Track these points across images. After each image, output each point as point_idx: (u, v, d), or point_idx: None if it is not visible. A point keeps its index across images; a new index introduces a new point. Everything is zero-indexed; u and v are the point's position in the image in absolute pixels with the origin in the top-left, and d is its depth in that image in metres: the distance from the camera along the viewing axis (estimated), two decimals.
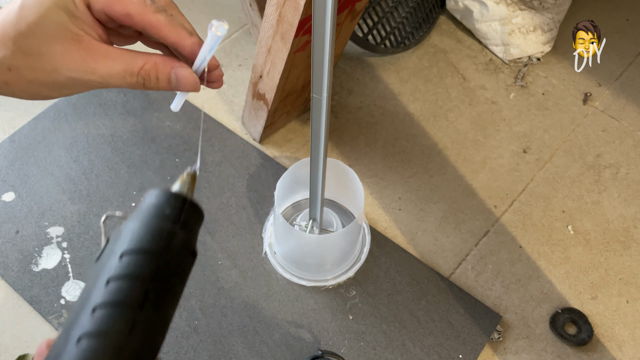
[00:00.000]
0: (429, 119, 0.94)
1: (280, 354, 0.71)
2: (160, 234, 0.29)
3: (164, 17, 0.32)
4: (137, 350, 0.26)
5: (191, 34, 0.33)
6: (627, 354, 0.73)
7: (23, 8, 0.31)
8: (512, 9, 0.97)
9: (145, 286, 0.27)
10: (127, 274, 0.27)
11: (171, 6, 0.35)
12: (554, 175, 0.88)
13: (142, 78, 0.33)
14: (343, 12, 0.70)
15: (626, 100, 0.97)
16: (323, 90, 0.52)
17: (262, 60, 0.73)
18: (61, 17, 0.31)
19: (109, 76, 0.32)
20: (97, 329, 0.26)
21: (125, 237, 0.29)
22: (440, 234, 0.82)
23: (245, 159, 0.87)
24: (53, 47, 0.31)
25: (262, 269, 0.77)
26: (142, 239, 0.28)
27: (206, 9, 1.06)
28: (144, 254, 0.28)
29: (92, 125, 0.89)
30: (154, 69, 0.33)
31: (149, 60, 0.33)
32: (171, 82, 0.34)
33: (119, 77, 0.33)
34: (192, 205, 0.31)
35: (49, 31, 0.31)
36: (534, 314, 0.75)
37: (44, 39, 0.31)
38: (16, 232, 0.78)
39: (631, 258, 0.80)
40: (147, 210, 0.30)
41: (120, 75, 0.33)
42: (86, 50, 0.32)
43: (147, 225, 0.29)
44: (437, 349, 0.72)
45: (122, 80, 0.33)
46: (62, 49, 0.31)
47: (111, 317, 0.26)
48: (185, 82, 0.34)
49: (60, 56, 0.31)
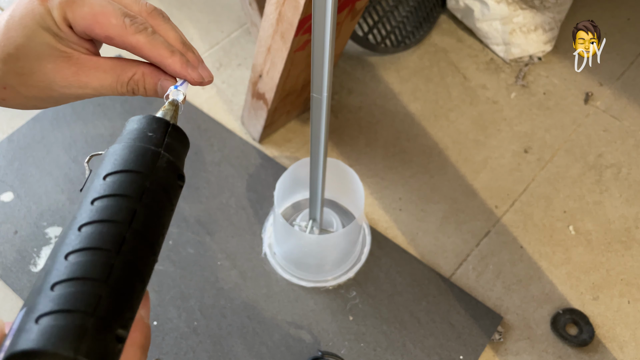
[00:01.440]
0: (430, 119, 0.93)
1: (280, 355, 0.70)
2: (144, 155, 0.28)
3: (143, 37, 0.32)
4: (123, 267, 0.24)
5: (172, 53, 0.33)
6: (629, 355, 0.73)
7: (9, 30, 0.31)
8: (513, 8, 0.97)
9: (133, 205, 0.26)
10: (112, 193, 0.26)
11: (154, 16, 0.35)
12: (555, 175, 0.88)
13: (131, 87, 0.34)
14: (343, 11, 0.69)
15: (628, 99, 0.96)
16: (323, 90, 0.51)
17: (261, 59, 0.73)
18: (47, 38, 0.31)
19: (101, 88, 0.33)
20: (84, 246, 0.24)
21: (109, 160, 0.28)
22: (441, 234, 0.81)
23: (244, 159, 0.86)
24: (44, 66, 0.32)
25: (261, 270, 0.77)
26: (126, 160, 0.27)
27: (206, 8, 1.06)
28: (129, 173, 0.27)
29: (90, 125, 0.89)
30: (142, 79, 0.34)
31: (137, 71, 0.34)
32: (158, 91, 0.34)
33: (110, 88, 0.33)
34: (176, 129, 0.31)
35: (38, 52, 0.31)
36: (535, 315, 0.75)
37: (34, 59, 0.31)
38: (15, 232, 0.78)
39: (633, 258, 0.80)
40: (130, 134, 0.29)
41: (112, 86, 0.33)
42: (77, 65, 0.32)
43: (131, 147, 0.28)
44: (438, 350, 0.71)
45: (114, 91, 0.34)
46: (53, 66, 0.32)
47: (99, 234, 0.25)
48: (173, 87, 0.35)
49: (52, 74, 0.32)
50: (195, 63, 0.35)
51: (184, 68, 0.34)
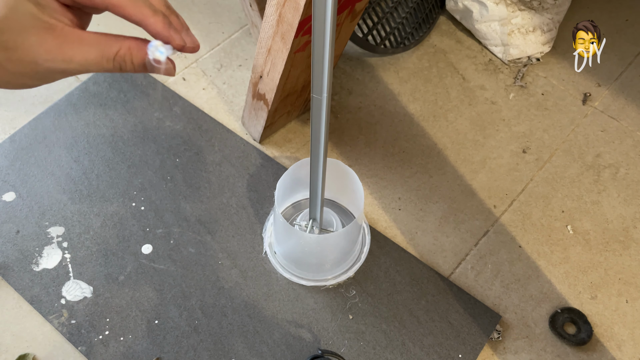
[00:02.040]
0: (429, 119, 0.94)
1: (280, 354, 0.71)
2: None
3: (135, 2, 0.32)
4: None
5: (155, 13, 0.33)
6: (627, 354, 0.73)
7: None
8: (511, 9, 0.97)
9: None
10: None
11: None
12: (554, 175, 0.88)
13: (118, 63, 0.33)
14: (343, 13, 0.70)
15: (625, 100, 0.97)
16: (323, 91, 0.52)
17: (262, 60, 0.73)
18: (30, 8, 0.31)
19: (87, 63, 0.32)
20: None
21: None
22: (440, 233, 0.82)
23: (245, 159, 0.87)
24: (28, 39, 0.31)
25: (262, 269, 0.77)
26: None
27: (206, 9, 1.06)
28: None
29: (92, 125, 0.89)
30: (129, 53, 0.33)
31: (122, 46, 0.33)
32: (146, 66, 0.34)
33: (95, 62, 0.32)
34: None
35: (21, 23, 0.30)
36: (533, 314, 0.76)
37: (17, 32, 0.31)
38: (17, 232, 0.79)
39: (631, 258, 0.80)
40: None
41: (97, 61, 0.32)
42: (61, 38, 0.31)
43: None
44: (437, 349, 0.72)
45: (100, 66, 0.33)
46: (37, 39, 0.31)
47: None
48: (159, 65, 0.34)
49: (36, 47, 0.31)
50: (178, 27, 0.34)
51: (165, 29, 0.33)
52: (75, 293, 0.74)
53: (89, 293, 0.74)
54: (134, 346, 0.71)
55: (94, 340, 0.71)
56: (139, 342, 0.71)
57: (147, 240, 0.79)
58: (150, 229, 0.79)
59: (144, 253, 0.78)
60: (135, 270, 0.76)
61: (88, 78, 0.95)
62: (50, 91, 0.94)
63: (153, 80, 0.95)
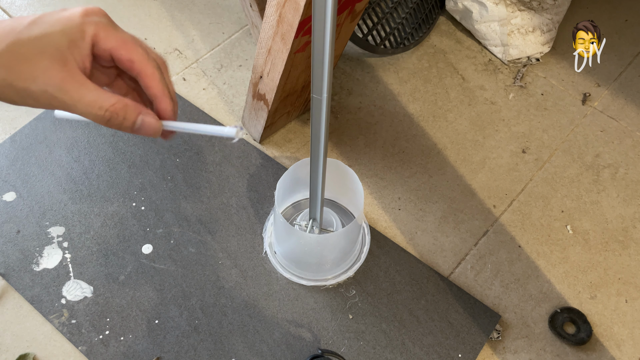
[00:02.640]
0: (429, 119, 0.94)
1: (280, 353, 0.71)
2: None
3: (158, 72, 0.37)
4: None
5: (172, 100, 0.38)
6: (626, 353, 0.73)
7: (34, 23, 0.33)
8: (511, 9, 0.97)
9: None
10: None
11: (165, 67, 0.39)
12: (553, 175, 0.88)
13: (109, 114, 0.35)
14: (343, 13, 0.70)
15: (625, 100, 0.97)
16: (323, 91, 0.52)
17: (262, 60, 0.73)
18: (61, 42, 0.34)
19: (79, 102, 0.34)
20: None
21: None
22: (440, 233, 0.82)
23: (245, 159, 0.87)
24: (40, 60, 0.33)
25: (262, 269, 0.77)
26: None
27: (206, 10, 1.06)
28: None
29: (93, 125, 0.89)
30: (124, 109, 0.36)
31: (120, 101, 0.35)
32: (135, 124, 0.36)
33: (87, 105, 0.34)
34: None
35: (44, 48, 0.33)
36: (533, 314, 0.76)
37: (35, 51, 0.33)
38: (17, 231, 0.79)
39: (630, 258, 0.80)
40: None
41: (90, 104, 0.34)
42: (67, 72, 0.34)
43: None
44: (437, 348, 0.72)
45: (89, 109, 0.35)
46: (48, 64, 0.33)
47: None
48: (148, 127, 0.37)
49: (42, 69, 0.33)
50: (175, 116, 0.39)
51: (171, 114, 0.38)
52: (75, 293, 0.74)
53: (90, 293, 0.74)
54: (134, 346, 0.71)
55: (94, 340, 0.71)
56: (139, 341, 0.71)
57: (147, 240, 0.79)
58: (150, 228, 0.80)
59: (144, 253, 0.78)
60: (136, 270, 0.76)
61: None
62: None
63: None
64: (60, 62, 0.34)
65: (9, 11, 1.05)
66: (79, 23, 0.34)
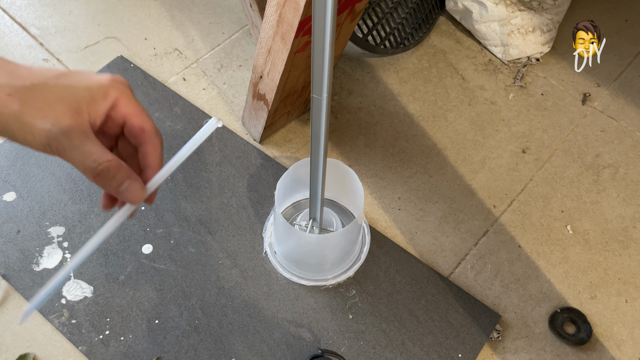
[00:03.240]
0: (429, 119, 0.94)
1: (280, 353, 0.71)
2: None
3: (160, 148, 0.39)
4: None
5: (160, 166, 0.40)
6: (626, 353, 0.73)
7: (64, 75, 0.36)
8: (511, 9, 0.97)
9: None
10: None
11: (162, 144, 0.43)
12: (553, 175, 0.88)
13: (101, 169, 0.36)
14: (343, 13, 0.70)
15: (625, 100, 0.97)
16: (323, 91, 0.52)
17: (262, 60, 0.73)
18: (82, 96, 0.36)
19: (77, 148, 0.35)
20: None
21: None
22: (440, 233, 0.82)
23: (245, 159, 0.87)
24: (56, 104, 0.35)
25: (262, 269, 0.77)
26: None
27: (206, 10, 1.06)
28: None
29: None
30: (117, 169, 0.36)
31: (116, 160, 0.37)
32: (121, 187, 0.37)
33: (83, 154, 0.35)
34: None
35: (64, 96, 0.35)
36: (533, 314, 0.76)
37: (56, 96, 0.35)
38: (17, 231, 0.79)
39: (630, 258, 0.81)
40: None
41: (86, 154, 0.35)
42: (77, 121, 0.35)
43: None
44: (437, 348, 0.72)
45: (84, 159, 0.36)
46: (62, 109, 0.35)
47: None
48: (133, 193, 0.38)
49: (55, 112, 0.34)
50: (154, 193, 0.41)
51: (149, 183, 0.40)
52: (75, 293, 0.74)
53: (90, 293, 0.75)
54: (135, 346, 0.71)
55: (94, 340, 0.71)
56: (139, 341, 0.71)
57: (147, 240, 0.79)
58: (150, 228, 0.80)
59: (145, 253, 0.78)
60: (136, 270, 0.76)
61: None
62: None
63: (153, 80, 0.95)
64: (75, 111, 0.35)
65: (8, 11, 1.05)
66: (105, 85, 0.37)
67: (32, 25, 1.03)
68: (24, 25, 1.03)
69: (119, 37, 1.02)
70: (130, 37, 1.02)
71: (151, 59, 0.99)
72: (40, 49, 1.00)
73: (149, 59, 0.99)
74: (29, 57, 0.99)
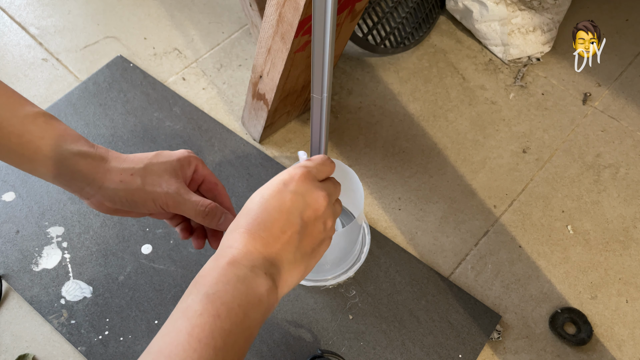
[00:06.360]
0: (429, 119, 0.94)
1: (280, 354, 0.71)
2: None
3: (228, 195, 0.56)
4: None
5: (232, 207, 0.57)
6: (627, 354, 0.73)
7: (159, 155, 0.51)
8: (511, 9, 0.97)
9: None
10: None
11: None
12: (554, 175, 0.88)
13: (208, 210, 0.50)
14: (343, 13, 0.70)
15: (626, 100, 0.97)
16: (323, 91, 0.52)
17: (262, 60, 0.73)
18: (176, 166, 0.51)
19: (188, 201, 0.50)
20: None
21: None
22: (440, 233, 0.82)
23: (245, 159, 0.87)
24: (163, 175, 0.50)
25: None
26: None
27: (206, 9, 1.06)
28: None
29: (92, 125, 0.89)
30: (215, 209, 0.51)
31: (212, 203, 0.51)
32: (220, 220, 0.51)
33: (193, 203, 0.50)
34: None
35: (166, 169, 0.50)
36: (533, 314, 0.76)
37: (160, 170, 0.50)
38: (16, 232, 0.79)
39: (631, 258, 0.80)
40: None
41: (195, 203, 0.50)
42: (180, 184, 0.50)
43: None
44: (437, 349, 0.72)
45: (194, 206, 0.50)
46: (168, 177, 0.50)
47: None
48: (229, 223, 0.50)
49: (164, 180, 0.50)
50: None
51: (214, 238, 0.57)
52: (75, 293, 0.74)
53: (89, 293, 0.74)
54: (134, 346, 0.71)
55: (93, 341, 0.71)
56: (138, 342, 0.71)
57: (146, 240, 0.79)
58: (150, 228, 0.79)
59: (144, 253, 0.78)
60: (135, 270, 0.76)
61: (88, 78, 0.95)
62: (50, 91, 0.94)
63: (152, 80, 0.95)
64: (175, 177, 0.50)
65: (8, 11, 1.05)
66: (187, 157, 0.52)
67: (31, 25, 1.03)
68: (23, 25, 1.03)
69: (118, 37, 1.01)
70: (130, 37, 1.02)
71: (150, 59, 0.99)
72: (39, 48, 1.00)
73: (149, 58, 0.99)
74: (28, 56, 0.99)
